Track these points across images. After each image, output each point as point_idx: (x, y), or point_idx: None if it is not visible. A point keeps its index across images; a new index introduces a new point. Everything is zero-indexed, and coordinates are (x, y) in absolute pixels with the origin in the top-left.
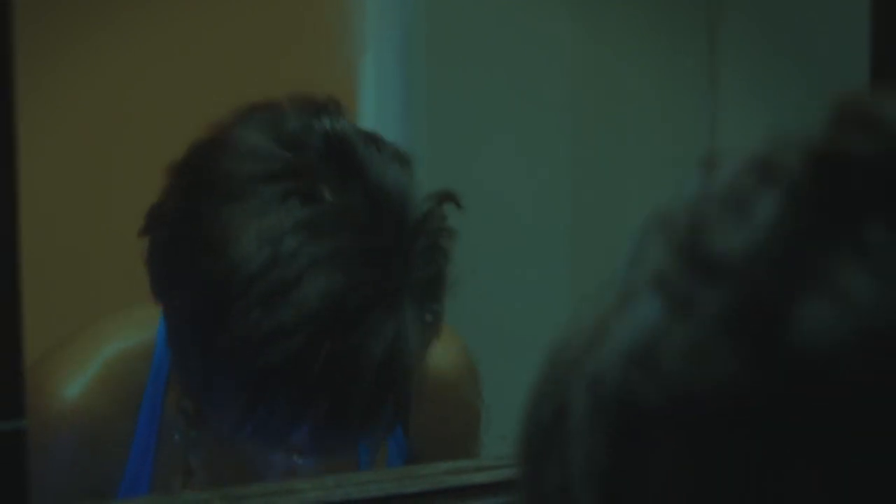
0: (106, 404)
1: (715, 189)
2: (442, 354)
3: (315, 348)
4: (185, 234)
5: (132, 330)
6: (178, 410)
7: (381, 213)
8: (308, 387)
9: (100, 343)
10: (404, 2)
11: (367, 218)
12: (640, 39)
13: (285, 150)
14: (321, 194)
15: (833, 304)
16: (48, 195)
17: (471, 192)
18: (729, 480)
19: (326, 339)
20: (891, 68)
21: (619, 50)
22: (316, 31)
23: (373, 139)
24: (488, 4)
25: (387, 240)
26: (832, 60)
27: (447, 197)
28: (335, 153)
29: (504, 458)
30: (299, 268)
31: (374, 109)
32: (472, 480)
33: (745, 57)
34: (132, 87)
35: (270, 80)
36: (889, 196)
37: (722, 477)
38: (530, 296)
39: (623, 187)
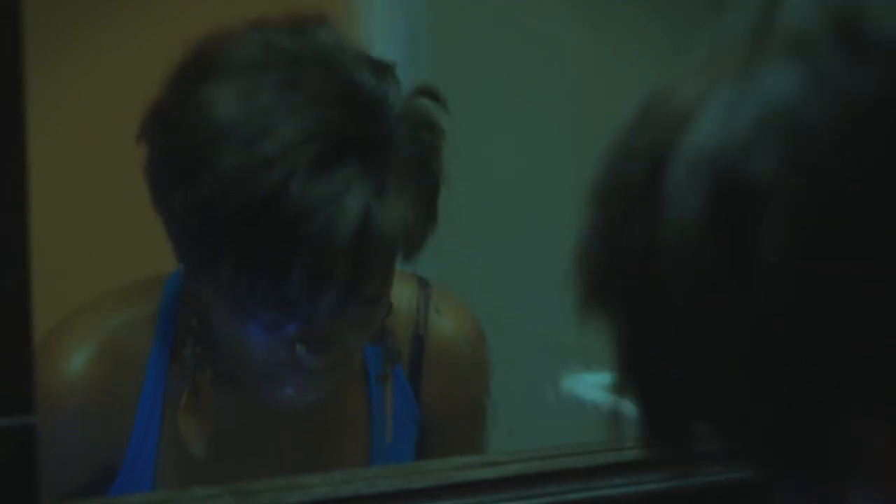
0: (110, 373)
1: None
2: (451, 320)
3: (297, 182)
4: (173, 110)
5: (134, 301)
6: (186, 330)
7: (362, 94)
8: (292, 230)
9: (102, 315)
10: (407, 2)
11: (347, 92)
12: (641, 40)
13: (272, 40)
14: (303, 70)
15: None
16: (53, 194)
17: (472, 191)
18: (846, 276)
19: (308, 174)
20: None
21: (620, 50)
22: None
23: (359, 50)
24: (490, 5)
25: (367, 96)
26: None
27: (427, 91)
28: (321, 53)
29: (512, 453)
30: (279, 112)
31: None
32: (480, 476)
33: None
34: (133, 86)
35: None
36: None
37: (840, 274)
38: (533, 293)
39: None
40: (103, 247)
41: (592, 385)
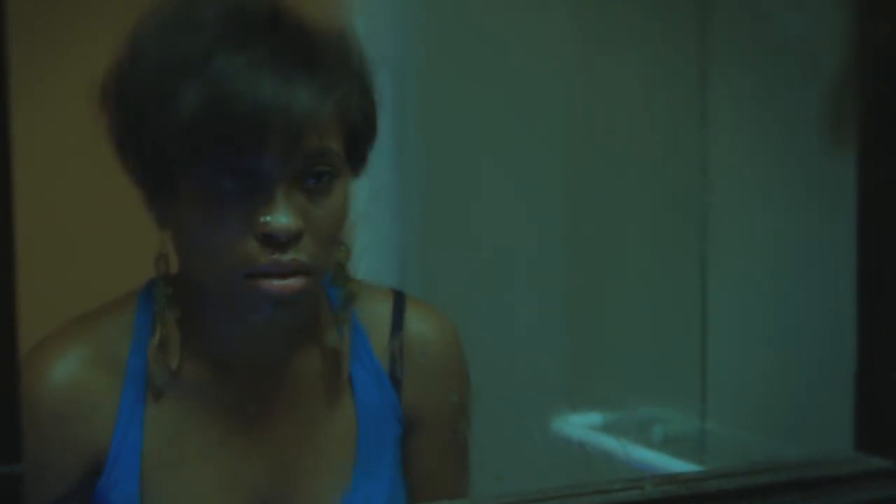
0: (94, 375)
1: None
2: (427, 323)
3: (223, 49)
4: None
5: (111, 313)
6: (158, 270)
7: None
8: (224, 92)
9: (83, 326)
10: (397, 22)
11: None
12: (630, 45)
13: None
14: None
15: None
16: (48, 200)
17: (469, 195)
18: None
19: (233, 42)
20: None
21: (611, 56)
22: None
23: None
24: (487, 6)
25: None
26: (821, 63)
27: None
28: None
29: (497, 496)
30: (203, 6)
31: None
32: None
33: (735, 62)
34: None
35: None
36: None
37: None
38: (521, 334)
39: (616, 193)
40: (98, 253)
41: (580, 426)
